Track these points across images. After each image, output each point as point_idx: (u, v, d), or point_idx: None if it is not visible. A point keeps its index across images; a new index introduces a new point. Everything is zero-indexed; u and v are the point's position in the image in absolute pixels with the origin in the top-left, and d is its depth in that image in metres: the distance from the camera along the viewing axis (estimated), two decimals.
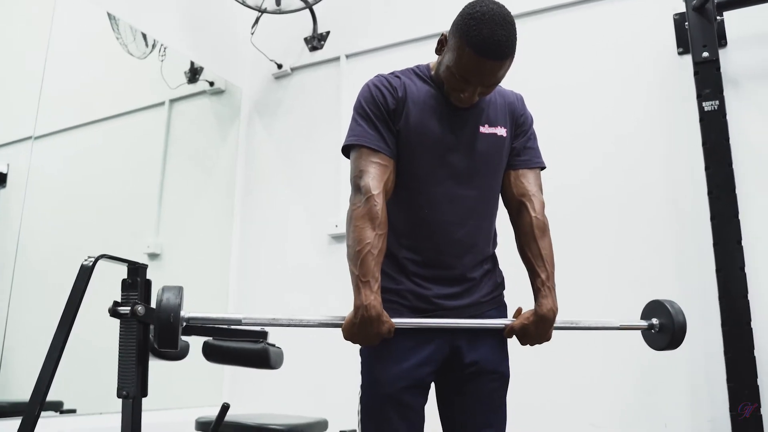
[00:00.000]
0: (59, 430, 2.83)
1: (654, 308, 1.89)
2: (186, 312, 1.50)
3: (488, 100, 1.80)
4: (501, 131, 1.78)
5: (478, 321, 1.75)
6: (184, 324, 1.50)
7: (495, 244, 1.88)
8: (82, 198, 3.48)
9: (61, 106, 3.38)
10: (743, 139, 2.93)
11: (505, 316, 1.86)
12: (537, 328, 1.70)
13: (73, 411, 3.04)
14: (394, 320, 1.62)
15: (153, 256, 3.79)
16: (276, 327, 1.68)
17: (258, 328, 2.21)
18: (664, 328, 1.84)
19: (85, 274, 1.86)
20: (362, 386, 1.78)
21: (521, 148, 1.84)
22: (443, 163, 1.73)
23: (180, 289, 1.52)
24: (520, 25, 1.65)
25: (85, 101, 3.59)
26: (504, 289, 1.90)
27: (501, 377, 1.81)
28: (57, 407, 2.98)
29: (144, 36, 3.79)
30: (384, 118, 1.73)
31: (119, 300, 1.90)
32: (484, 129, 1.76)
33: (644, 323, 1.89)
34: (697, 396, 2.88)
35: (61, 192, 3.37)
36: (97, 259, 1.87)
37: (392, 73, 1.81)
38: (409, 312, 1.73)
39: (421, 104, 1.74)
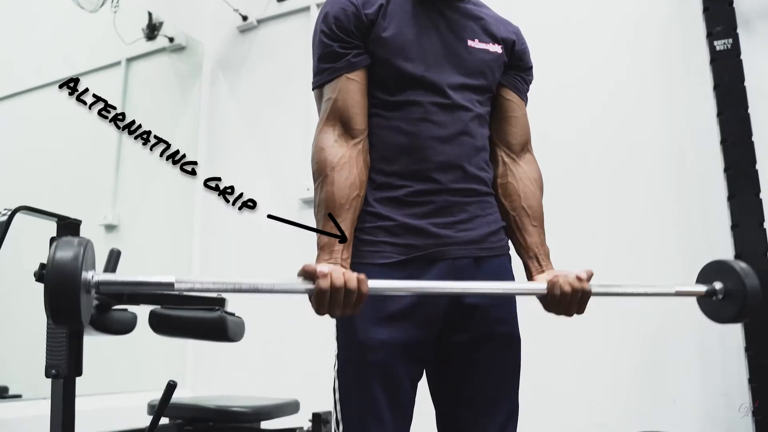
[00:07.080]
0: (3, 417, 2.74)
1: (715, 269, 1.53)
2: (95, 274, 1.09)
3: (479, 15, 1.69)
4: (494, 48, 1.68)
5: (500, 284, 1.46)
6: (93, 291, 1.09)
7: (492, 174, 1.68)
8: (35, 168, 3.51)
9: (9, 70, 3.44)
10: (758, 82, 2.80)
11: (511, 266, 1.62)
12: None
13: (18, 396, 2.99)
14: (372, 281, 1.32)
15: (110, 227, 3.81)
16: (231, 293, 1.32)
17: (214, 295, 1.96)
18: (730, 294, 1.48)
19: None
20: (338, 355, 1.48)
21: (521, 79, 1.74)
22: (429, 77, 1.59)
23: (83, 242, 1.08)
24: None
25: (35, 64, 3.62)
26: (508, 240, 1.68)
27: (513, 338, 1.55)
28: (1, 393, 2.95)
29: None
30: (341, 38, 1.57)
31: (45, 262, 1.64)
32: (474, 43, 1.65)
33: (702, 288, 1.51)
34: (709, 368, 2.79)
35: (13, 161, 3.41)
36: (13, 212, 1.65)
37: None
38: (405, 253, 1.48)
39: (402, 13, 1.61)
